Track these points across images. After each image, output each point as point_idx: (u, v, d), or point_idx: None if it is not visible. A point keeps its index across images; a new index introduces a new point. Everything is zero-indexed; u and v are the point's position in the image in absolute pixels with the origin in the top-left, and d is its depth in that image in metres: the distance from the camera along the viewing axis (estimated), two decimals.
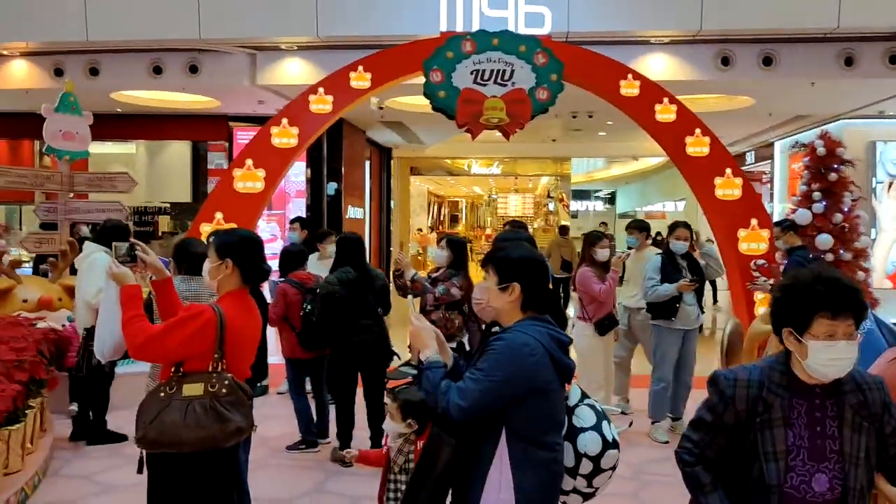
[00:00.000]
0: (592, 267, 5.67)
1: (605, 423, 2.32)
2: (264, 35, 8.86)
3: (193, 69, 9.43)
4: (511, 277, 2.17)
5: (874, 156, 11.97)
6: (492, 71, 7.06)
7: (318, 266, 6.43)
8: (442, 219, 32.01)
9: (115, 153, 14.64)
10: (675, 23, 8.61)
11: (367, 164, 15.96)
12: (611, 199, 32.58)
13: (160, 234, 13.40)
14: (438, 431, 2.07)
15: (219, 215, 7.12)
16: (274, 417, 5.96)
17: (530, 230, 23.73)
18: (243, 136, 12.41)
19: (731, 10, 8.35)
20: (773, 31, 8.65)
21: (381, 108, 11.40)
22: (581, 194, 30.01)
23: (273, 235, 12.26)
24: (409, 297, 2.91)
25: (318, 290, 5.11)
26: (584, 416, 2.28)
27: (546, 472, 2.11)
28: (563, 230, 14.85)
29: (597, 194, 32.95)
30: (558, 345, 2.12)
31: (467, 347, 4.94)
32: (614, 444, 2.32)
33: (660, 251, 6.12)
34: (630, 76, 7.35)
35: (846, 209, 6.60)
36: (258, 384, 5.99)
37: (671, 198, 23.75)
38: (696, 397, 6.21)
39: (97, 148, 8.79)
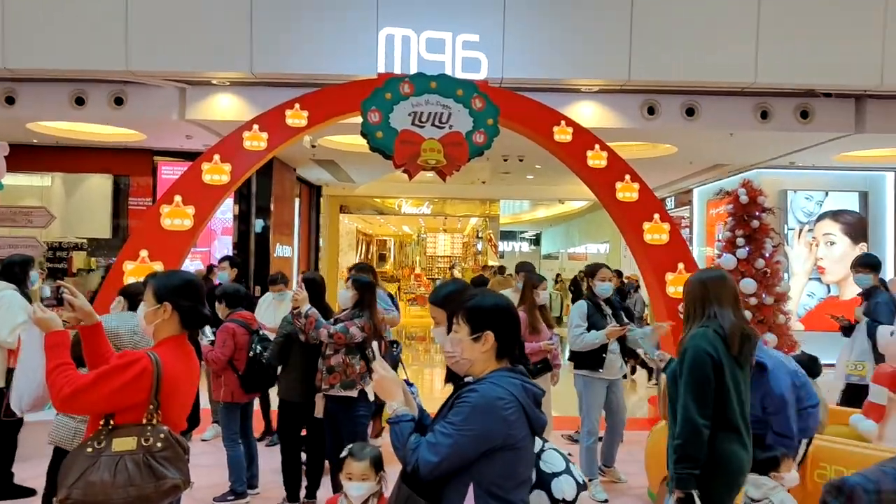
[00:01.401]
0: (531, 311, 5.65)
1: (572, 466, 2.29)
2: (196, 69, 8.66)
3: (119, 101, 9.10)
4: (484, 326, 2.10)
5: (786, 204, 12.64)
6: (429, 113, 7.11)
7: (271, 308, 6.25)
8: (370, 257, 31.81)
9: (28, 185, 13.91)
10: (605, 72, 8.91)
11: (297, 201, 15.73)
12: (536, 241, 33.21)
13: (74, 271, 12.74)
14: (409, 493, 1.97)
15: (143, 253, 6.82)
16: (197, 466, 5.64)
17: (458, 271, 23.55)
18: (168, 170, 12.03)
19: (657, 62, 8.72)
20: (695, 83, 9.07)
21: (313, 146, 11.29)
22: (508, 235, 30.48)
23: (198, 277, 11.83)
24: (374, 344, 2.79)
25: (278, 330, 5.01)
26: (553, 461, 2.24)
27: None
28: (501, 270, 15.04)
29: (522, 235, 33.54)
30: (532, 398, 2.07)
31: (370, 396, 4.68)
32: (584, 486, 2.30)
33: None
34: (563, 122, 7.53)
35: (767, 255, 6.89)
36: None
37: (594, 240, 24.39)
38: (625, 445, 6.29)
39: (9, 179, 8.31)
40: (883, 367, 4.01)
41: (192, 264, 11.91)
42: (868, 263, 5.72)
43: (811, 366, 4.36)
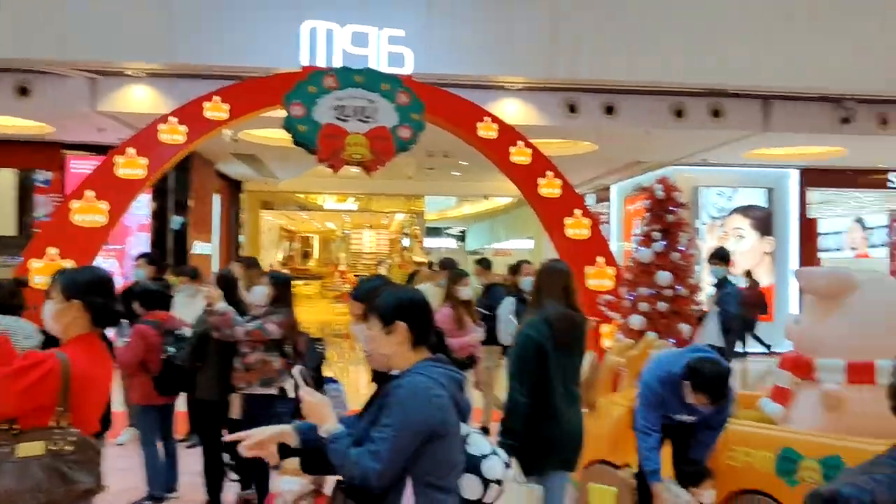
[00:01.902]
0: (455, 307, 5.68)
1: (495, 447, 2.35)
2: (108, 59, 8.31)
3: (24, 91, 8.64)
4: (393, 318, 2.13)
5: (698, 199, 13.17)
6: (354, 107, 7.05)
7: (187, 306, 6.05)
8: (293, 254, 31.32)
9: None
10: (528, 70, 9.06)
11: (217, 197, 15.32)
12: (462, 237, 33.46)
13: None
14: None
15: (52, 251, 6.50)
16: (112, 471, 5.43)
17: (385, 268, 23.44)
18: (79, 165, 11.48)
19: (579, 61, 8.92)
20: (614, 82, 9.33)
21: (234, 140, 11.01)
22: (433, 231, 30.58)
23: (110, 273, 11.37)
24: (297, 370, 2.75)
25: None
26: (479, 444, 2.28)
27: None
28: (429, 265, 15.08)
29: (448, 232, 33.73)
30: (457, 384, 2.09)
31: (290, 394, 4.62)
32: (508, 465, 2.38)
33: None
34: (487, 119, 7.61)
35: (682, 248, 7.14)
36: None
37: (519, 236, 24.77)
38: None
39: None
40: (787, 354, 4.24)
41: (106, 262, 11.42)
42: (720, 256, 6.17)
43: (719, 356, 4.59)
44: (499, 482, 2.20)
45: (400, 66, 7.88)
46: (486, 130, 7.55)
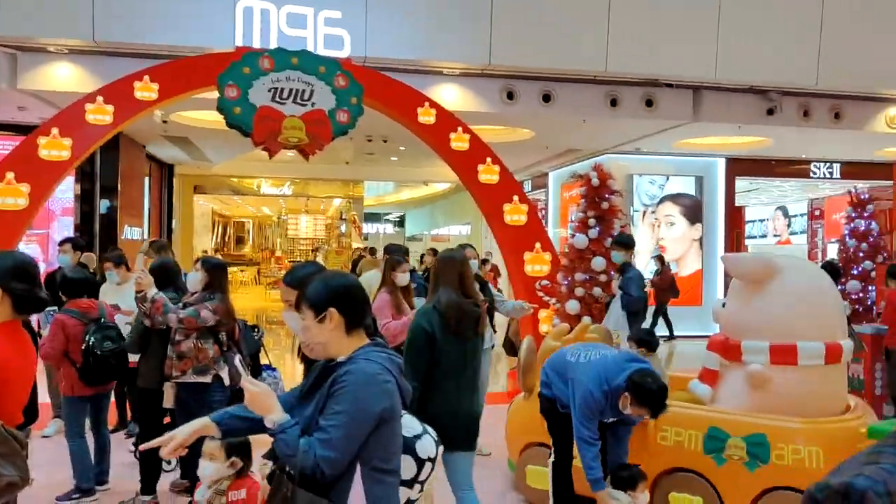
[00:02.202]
0: (393, 292, 5.65)
1: (426, 426, 2.37)
2: (29, 34, 7.90)
3: None
4: (325, 305, 2.08)
5: (632, 187, 13.48)
6: (291, 90, 6.92)
7: (114, 294, 5.83)
8: (227, 240, 30.63)
9: None
10: (466, 56, 9.06)
11: (147, 180, 14.82)
12: (400, 223, 33.36)
13: None
14: (310, 497, 1.92)
15: None
16: (39, 464, 5.23)
17: (322, 254, 23.03)
18: None
19: (516, 48, 8.98)
20: (552, 70, 9.43)
21: (165, 122, 10.67)
22: (372, 217, 30.39)
23: (34, 258, 10.88)
24: (237, 359, 2.70)
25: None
26: (412, 425, 2.29)
27: (395, 497, 2.07)
28: (372, 251, 14.99)
29: (387, 217, 33.57)
30: (398, 369, 2.09)
31: (226, 381, 4.52)
32: (439, 442, 2.41)
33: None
34: (427, 104, 7.59)
35: (616, 234, 7.30)
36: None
37: (457, 222, 24.87)
38: (487, 413, 6.50)
39: None
40: (715, 336, 4.40)
41: (28, 247, 10.93)
42: (621, 242, 6.35)
43: (649, 339, 4.75)
44: (431, 460, 2.22)
45: (338, 49, 7.78)
46: (426, 116, 7.53)
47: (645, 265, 13.52)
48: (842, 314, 4.32)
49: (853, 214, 8.24)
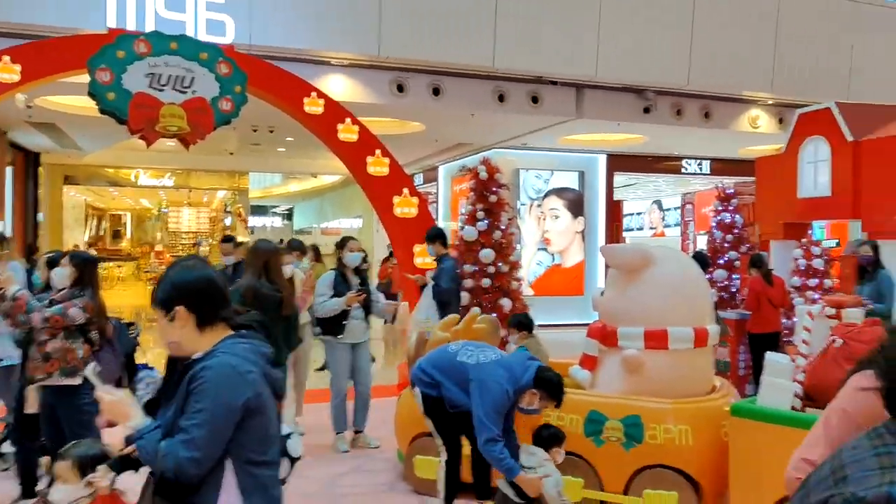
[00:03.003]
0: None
1: (292, 426, 2.34)
2: None
3: None
4: (172, 303, 2.01)
5: (518, 181, 13.83)
6: (170, 76, 6.61)
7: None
8: (102, 234, 28.95)
9: None
10: (355, 46, 8.98)
11: (10, 170, 13.74)
12: (289, 216, 32.62)
13: None
14: None
15: None
16: None
17: (205, 247, 22.10)
18: None
19: (406, 41, 8.99)
20: (441, 64, 9.51)
21: (29, 107, 9.92)
22: (259, 210, 29.54)
23: None
24: (91, 366, 2.54)
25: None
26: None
27: (273, 491, 2.01)
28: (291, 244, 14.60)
29: (275, 210, 32.73)
30: (265, 358, 2.03)
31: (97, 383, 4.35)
32: (302, 434, 2.34)
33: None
34: (314, 94, 7.46)
35: (503, 227, 7.47)
36: None
37: (347, 215, 24.62)
38: (376, 406, 6.49)
39: None
40: (594, 324, 4.60)
41: None
42: (433, 236, 6.52)
43: (527, 322, 4.95)
44: (300, 458, 2.19)
45: (220, 34, 7.52)
46: (313, 106, 7.40)
47: (531, 258, 13.94)
48: (710, 301, 4.63)
49: (720, 208, 8.81)
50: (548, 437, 3.92)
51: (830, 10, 11.21)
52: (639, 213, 22.51)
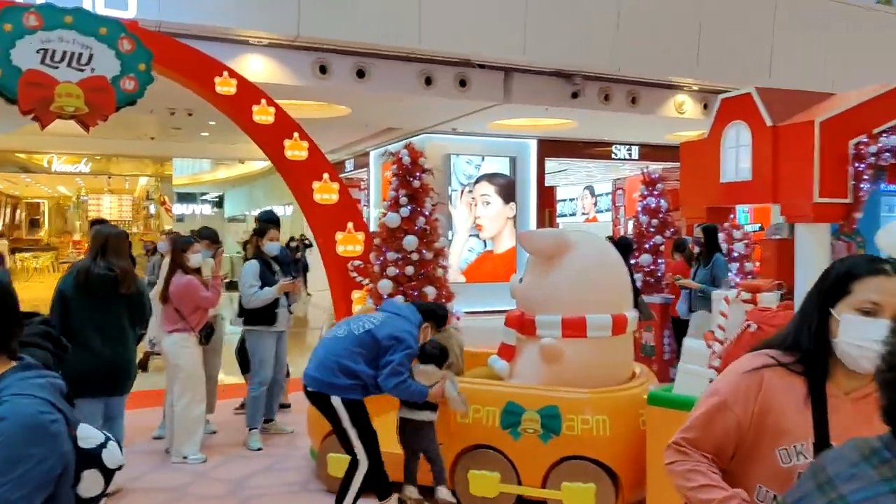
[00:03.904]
0: (190, 274, 5.26)
1: (103, 431, 1.99)
2: None
3: None
4: None
5: (449, 167, 13.65)
6: (65, 53, 6.12)
7: None
8: (18, 223, 27.49)
9: None
10: (274, 25, 8.59)
11: None
12: (219, 203, 31.65)
13: None
14: None
15: None
16: None
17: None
18: None
19: (327, 19, 8.65)
20: (365, 45, 9.20)
21: None
22: (186, 197, 28.51)
23: None
24: None
25: None
26: (91, 434, 1.81)
27: None
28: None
29: (204, 197, 31.69)
30: (59, 391, 1.59)
31: None
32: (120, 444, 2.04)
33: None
34: (226, 73, 7.06)
35: (427, 213, 7.27)
36: None
37: (278, 202, 23.97)
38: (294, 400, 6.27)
39: None
40: (512, 312, 4.44)
41: None
42: (206, 236, 6.09)
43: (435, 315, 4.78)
44: (120, 468, 1.80)
45: (121, 8, 7.02)
46: (225, 86, 7.00)
47: (463, 244, 13.80)
48: (628, 287, 4.53)
49: (645, 192, 8.83)
50: (439, 353, 4.00)
51: None
52: (571, 199, 22.68)
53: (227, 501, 4.42)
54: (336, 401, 3.79)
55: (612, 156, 15.44)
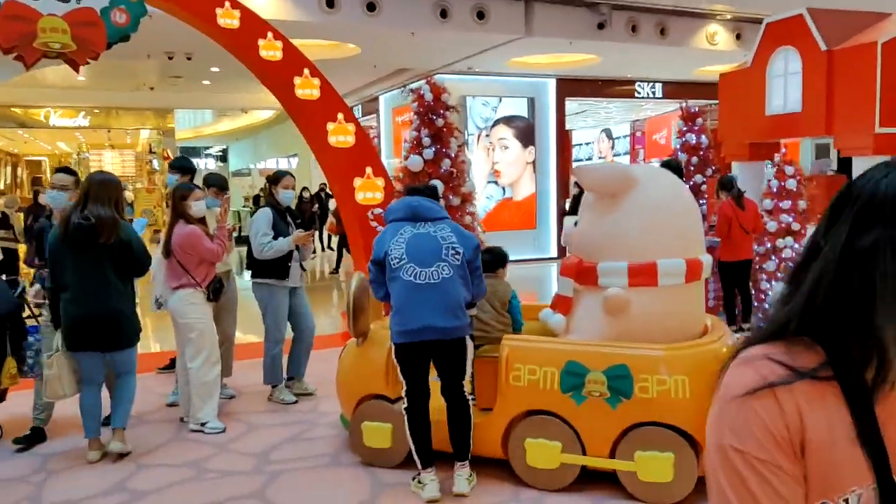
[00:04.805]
0: (192, 223, 4.70)
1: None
2: None
3: None
4: None
5: (465, 110, 12.93)
6: None
7: None
8: (20, 182, 26.93)
9: None
10: None
11: None
12: (223, 157, 30.98)
13: None
14: None
15: None
16: None
17: (130, 192, 20.73)
18: None
19: None
20: None
21: None
22: (190, 151, 27.85)
23: None
24: None
25: None
26: None
27: None
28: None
29: (207, 152, 31.00)
30: None
31: None
32: None
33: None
34: (227, 4, 6.39)
35: (453, 154, 6.67)
36: None
37: (283, 154, 23.30)
38: (320, 357, 5.81)
39: None
40: (569, 259, 3.89)
41: None
42: (213, 183, 5.46)
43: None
44: None
45: None
46: (227, 18, 6.34)
47: (481, 191, 13.17)
48: (700, 226, 3.96)
49: (684, 128, 8.17)
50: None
51: None
52: (588, 143, 21.89)
53: (254, 479, 3.94)
54: (468, 340, 3.62)
55: (635, 94, 14.65)
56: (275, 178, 5.39)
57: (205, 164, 29.65)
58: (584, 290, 3.79)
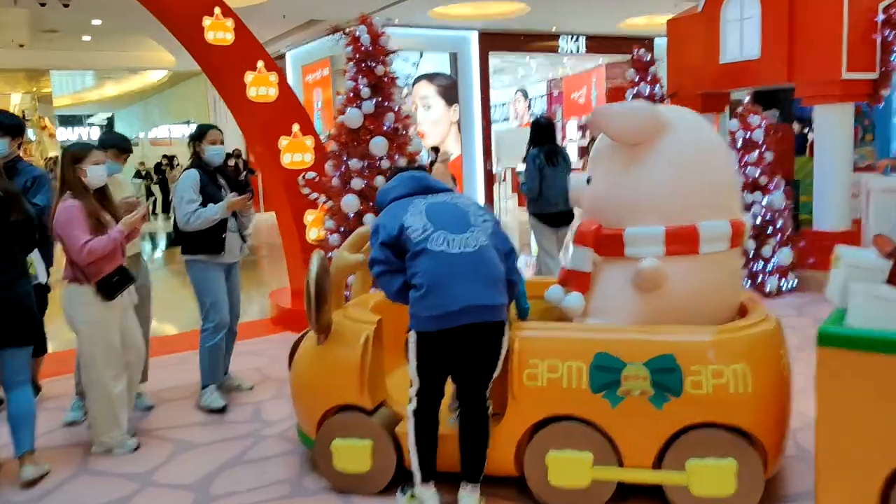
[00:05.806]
0: (84, 198, 3.59)
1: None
2: None
3: None
4: None
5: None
6: None
7: None
8: None
9: None
10: None
11: None
12: (109, 126, 28.49)
13: None
14: None
15: None
16: None
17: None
18: None
19: None
20: None
21: None
22: (70, 120, 25.32)
23: None
24: None
25: None
26: None
27: None
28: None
29: (90, 120, 28.40)
30: None
31: None
32: None
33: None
34: None
35: (396, 108, 5.78)
36: None
37: (177, 120, 21.46)
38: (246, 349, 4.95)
39: None
40: (586, 225, 3.15)
41: None
42: (112, 144, 4.60)
43: None
44: None
45: None
46: None
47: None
48: (737, 181, 3.30)
49: (636, 79, 7.60)
50: None
51: None
52: (503, 104, 21.29)
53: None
54: (505, 325, 2.87)
55: (559, 49, 14.08)
56: (199, 134, 4.37)
57: (88, 134, 27.13)
58: (606, 263, 3.07)
